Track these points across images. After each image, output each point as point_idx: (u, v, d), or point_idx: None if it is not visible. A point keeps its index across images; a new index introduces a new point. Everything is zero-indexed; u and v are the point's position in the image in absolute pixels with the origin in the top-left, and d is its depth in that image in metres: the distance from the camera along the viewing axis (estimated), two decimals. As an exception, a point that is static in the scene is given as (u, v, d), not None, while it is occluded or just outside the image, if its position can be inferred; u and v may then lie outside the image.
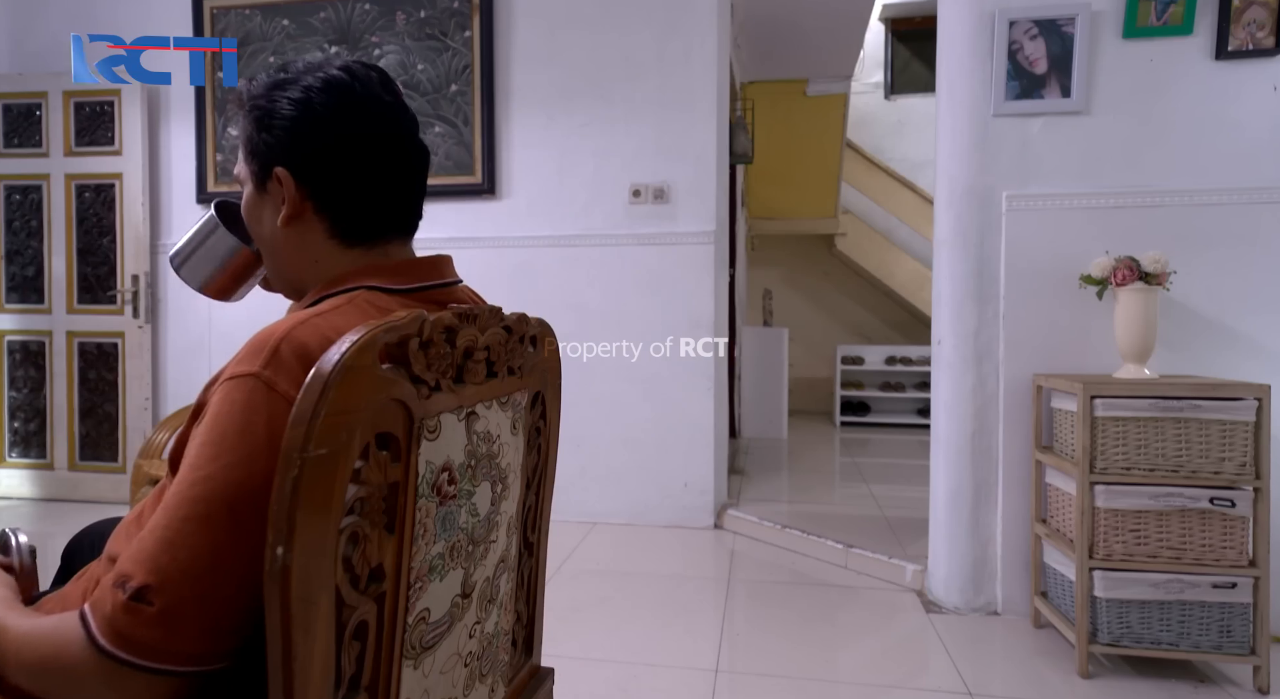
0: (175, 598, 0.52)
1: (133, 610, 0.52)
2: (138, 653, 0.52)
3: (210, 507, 0.53)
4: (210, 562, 0.53)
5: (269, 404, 0.55)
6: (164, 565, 0.52)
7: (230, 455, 0.54)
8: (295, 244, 0.71)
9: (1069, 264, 1.88)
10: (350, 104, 0.68)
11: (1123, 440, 1.61)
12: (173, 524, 0.53)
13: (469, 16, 2.95)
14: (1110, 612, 1.61)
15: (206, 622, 0.53)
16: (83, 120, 3.19)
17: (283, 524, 0.49)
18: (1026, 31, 1.91)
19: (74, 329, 3.23)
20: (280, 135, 0.68)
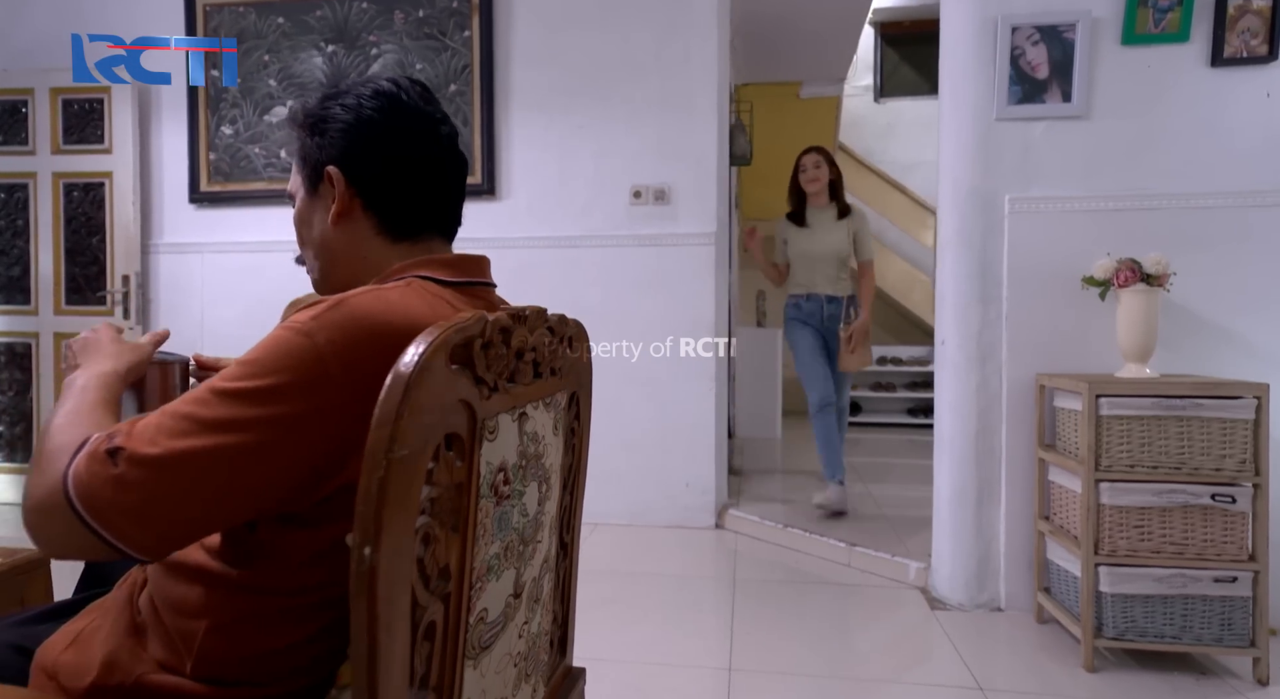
0: (138, 473, 0.55)
1: (101, 461, 0.55)
2: (79, 497, 0.55)
3: (215, 415, 0.56)
4: (189, 462, 0.55)
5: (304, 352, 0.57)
6: (149, 444, 0.55)
7: (260, 378, 0.57)
8: (345, 241, 0.75)
9: (1070, 266, 1.92)
10: (396, 108, 0.74)
11: (1127, 438, 1.64)
12: (178, 416, 0.57)
13: (468, 16, 2.94)
14: (1115, 606, 1.64)
15: (147, 510, 0.55)
16: (71, 118, 3.13)
17: (370, 524, 0.49)
18: (1029, 37, 1.94)
19: (62, 330, 3.17)
20: (333, 137, 0.74)
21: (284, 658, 0.66)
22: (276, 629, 0.65)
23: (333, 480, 0.60)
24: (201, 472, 0.56)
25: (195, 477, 0.56)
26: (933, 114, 6.24)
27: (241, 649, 0.65)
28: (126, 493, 0.55)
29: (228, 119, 3.11)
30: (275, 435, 0.57)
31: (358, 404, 0.56)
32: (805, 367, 2.90)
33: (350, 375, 0.58)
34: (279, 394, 0.57)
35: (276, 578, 0.64)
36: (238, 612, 0.65)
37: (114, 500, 0.55)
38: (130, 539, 0.56)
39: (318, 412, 0.57)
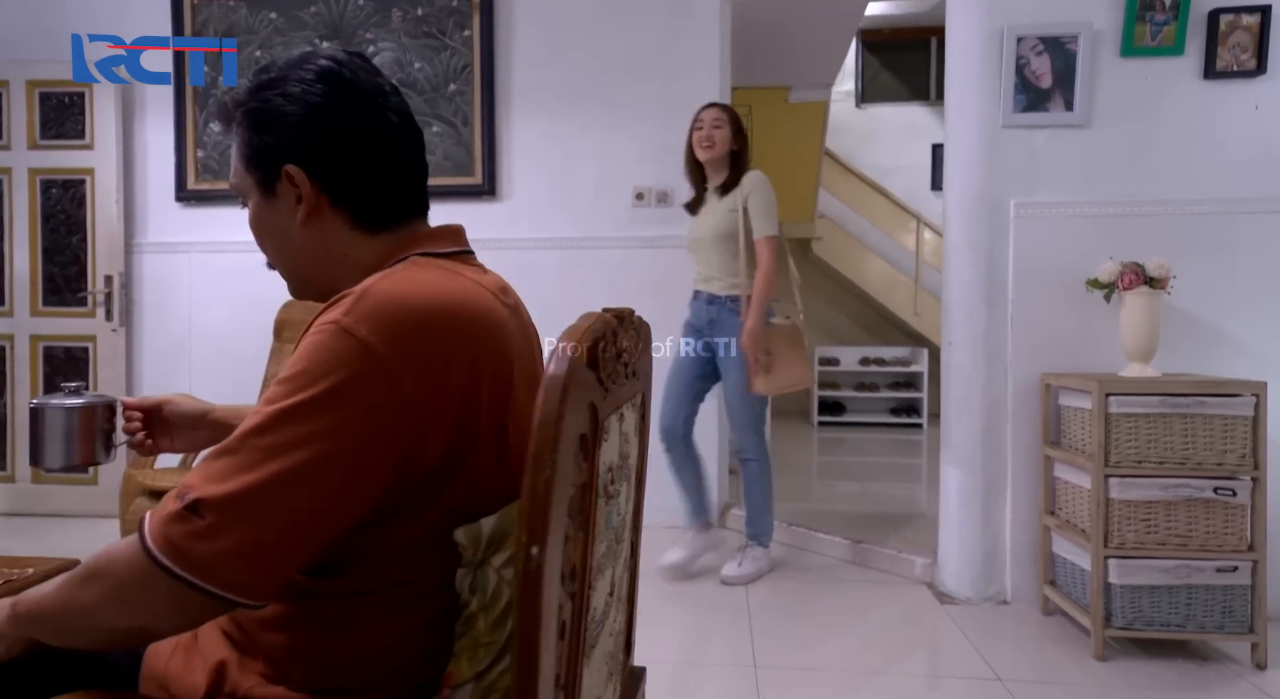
0: (226, 516, 0.53)
1: (184, 518, 0.53)
2: (179, 562, 0.53)
3: (281, 436, 0.54)
4: (270, 491, 0.53)
5: (349, 348, 0.56)
6: (224, 486, 0.53)
7: (310, 388, 0.55)
8: (317, 242, 0.69)
9: (1073, 269, 1.99)
10: (346, 91, 0.67)
11: (1134, 435, 1.71)
12: (241, 449, 0.55)
13: (468, 15, 2.91)
14: (1124, 597, 1.71)
15: (249, 549, 0.54)
16: (49, 112, 3.02)
17: (538, 524, 0.49)
18: (1033, 48, 2.01)
19: (39, 332, 3.05)
20: (284, 133, 0.66)
21: (382, 659, 0.65)
22: (369, 632, 0.64)
23: (415, 469, 0.59)
24: (289, 495, 0.54)
25: (284, 502, 0.54)
26: (912, 120, 6.38)
27: (338, 656, 0.65)
28: (223, 539, 0.53)
29: (225, 134, 3.03)
30: (347, 439, 0.55)
31: (418, 387, 0.57)
32: (666, 383, 2.27)
33: (403, 360, 0.56)
34: (338, 397, 0.55)
35: (363, 579, 0.63)
36: (329, 619, 0.64)
37: (214, 551, 0.53)
38: (240, 585, 0.54)
39: (382, 404, 0.56)
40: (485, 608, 0.64)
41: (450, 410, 0.59)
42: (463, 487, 0.61)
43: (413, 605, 0.64)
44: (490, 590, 0.64)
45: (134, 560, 0.54)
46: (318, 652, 0.64)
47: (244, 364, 2.89)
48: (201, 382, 3.04)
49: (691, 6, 2.85)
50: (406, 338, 0.57)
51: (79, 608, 0.58)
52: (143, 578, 0.54)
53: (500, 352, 0.64)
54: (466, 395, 0.60)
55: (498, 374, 0.63)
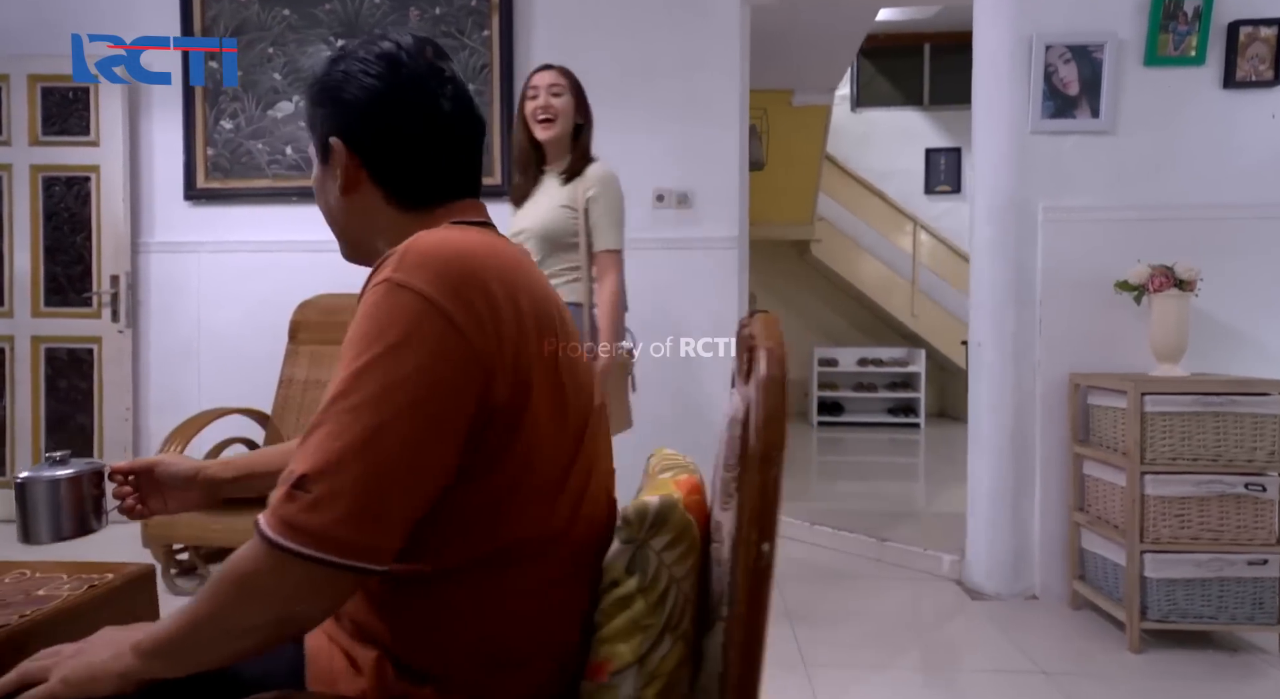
0: (332, 485, 0.54)
1: (292, 497, 0.54)
2: (297, 538, 0.53)
3: (361, 395, 0.55)
4: (365, 446, 0.55)
5: (406, 300, 0.58)
6: (322, 454, 0.54)
7: (377, 345, 0.57)
8: (357, 212, 0.72)
9: (1099, 271, 2.04)
10: (399, 74, 0.69)
11: (1169, 433, 1.76)
12: (328, 419, 0.56)
13: (487, 16, 2.90)
14: (1159, 591, 1.76)
15: (359, 508, 0.54)
16: (52, 107, 2.94)
17: (769, 521, 0.50)
18: (1061, 56, 2.06)
19: (41, 334, 2.96)
20: (331, 107, 0.70)
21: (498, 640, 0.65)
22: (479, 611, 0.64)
23: (485, 414, 0.60)
24: (384, 450, 0.55)
25: (381, 457, 0.55)
26: (906, 125, 6.47)
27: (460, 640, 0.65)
28: (334, 506, 0.54)
29: (228, 113, 2.98)
30: (425, 386, 0.57)
31: (476, 330, 0.59)
32: None
33: (456, 305, 0.58)
34: (407, 347, 0.57)
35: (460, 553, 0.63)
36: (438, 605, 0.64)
37: (329, 519, 0.53)
38: (361, 548, 0.55)
39: (447, 349, 0.58)
40: (644, 590, 0.64)
41: (507, 354, 0.60)
42: (527, 440, 0.62)
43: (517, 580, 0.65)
44: (651, 572, 0.64)
45: (257, 555, 0.55)
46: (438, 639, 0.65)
47: (256, 366, 2.85)
48: (211, 384, 2.98)
49: (711, 8, 2.87)
50: (455, 284, 0.59)
51: (213, 619, 0.58)
52: (271, 568, 0.55)
53: (539, 301, 0.66)
54: (517, 340, 0.62)
55: (541, 322, 0.64)
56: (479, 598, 0.64)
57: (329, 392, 0.57)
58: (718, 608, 0.67)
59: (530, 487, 0.63)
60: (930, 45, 6.02)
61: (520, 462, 0.62)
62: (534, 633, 0.66)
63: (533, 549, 0.64)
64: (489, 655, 0.65)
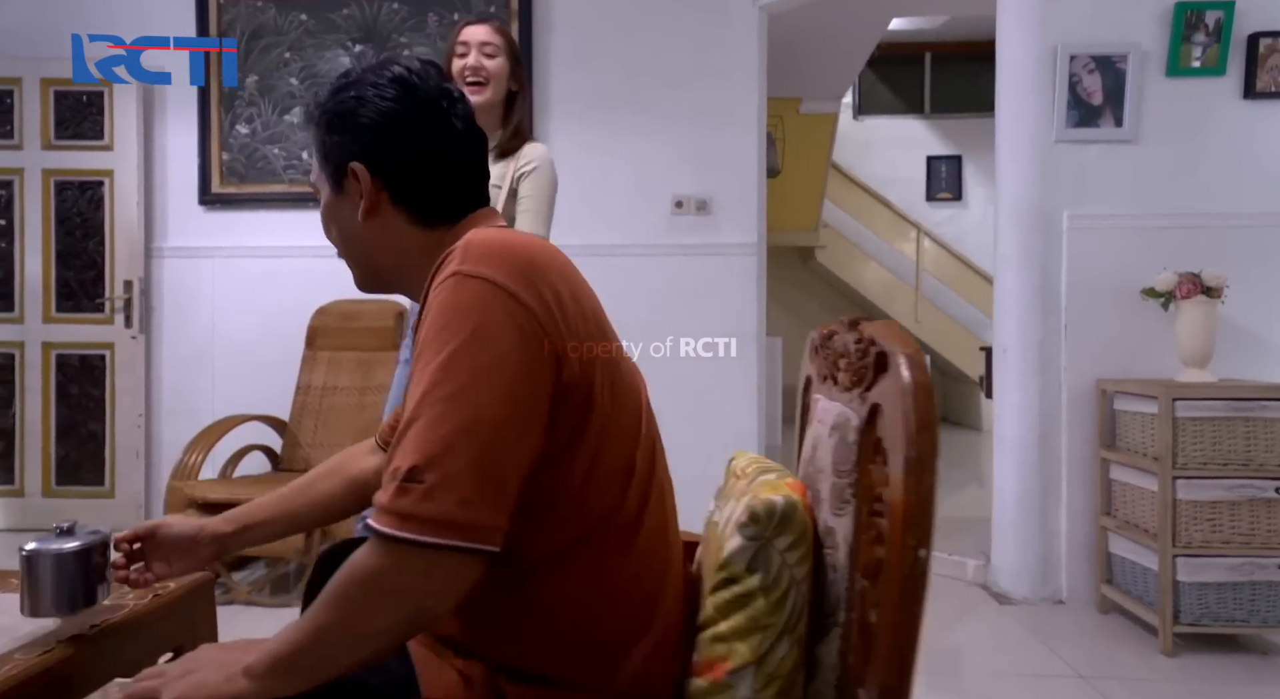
0: (443, 472, 0.55)
1: (406, 491, 0.54)
2: (420, 529, 0.54)
3: (453, 383, 0.57)
4: (468, 430, 0.56)
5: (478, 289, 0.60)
6: (426, 445, 0.55)
7: (459, 334, 0.58)
8: (378, 236, 0.73)
9: (1124, 278, 2.07)
10: (414, 96, 0.71)
11: (1199, 438, 1.78)
12: (423, 411, 0.57)
13: (506, 22, 2.90)
14: (1191, 594, 1.77)
15: (473, 490, 0.55)
16: (65, 111, 2.91)
17: (926, 527, 0.50)
18: (1085, 66, 2.09)
19: (52, 340, 2.93)
20: (350, 133, 0.71)
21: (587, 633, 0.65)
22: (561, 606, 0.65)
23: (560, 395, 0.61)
24: (484, 432, 0.56)
25: (483, 439, 0.56)
26: (907, 133, 6.52)
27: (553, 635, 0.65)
28: (449, 491, 0.55)
29: (244, 117, 2.96)
30: (509, 367, 0.58)
31: (543, 313, 0.60)
32: None
33: (523, 289, 0.60)
34: (487, 332, 0.58)
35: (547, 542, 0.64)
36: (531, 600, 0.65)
37: (446, 505, 0.54)
38: (480, 529, 0.56)
39: (523, 330, 0.59)
40: (766, 588, 0.64)
41: (570, 337, 0.62)
42: (597, 421, 0.64)
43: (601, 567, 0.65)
44: (774, 572, 0.64)
45: (377, 555, 0.56)
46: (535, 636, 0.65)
47: (270, 372, 2.82)
48: (225, 391, 2.95)
49: (730, 15, 2.89)
50: (520, 270, 0.61)
51: (342, 627, 0.57)
52: (398, 565, 0.55)
53: (587, 291, 0.68)
54: (575, 324, 0.63)
55: (593, 311, 0.67)
56: (567, 589, 0.65)
57: (416, 388, 0.58)
58: (834, 614, 0.67)
59: (604, 470, 0.64)
60: (931, 54, 6.08)
61: (593, 444, 0.64)
62: (625, 620, 0.66)
63: (612, 535, 0.65)
64: (585, 646, 0.65)
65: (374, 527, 0.55)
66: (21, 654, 0.84)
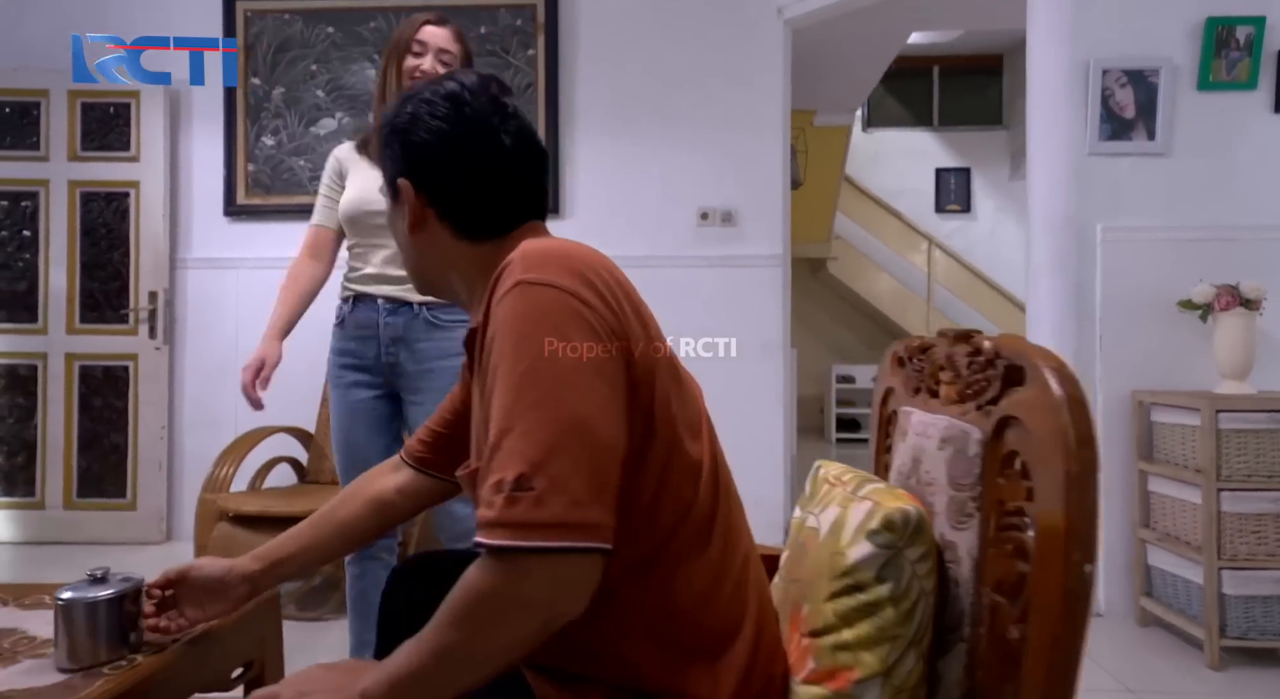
0: (550, 477, 0.54)
1: (516, 500, 0.54)
2: (539, 536, 0.54)
3: (541, 389, 0.57)
4: (566, 432, 0.56)
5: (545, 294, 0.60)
6: (527, 452, 0.55)
7: (535, 342, 0.58)
8: (426, 247, 0.75)
9: (1158, 290, 2.07)
10: (462, 115, 0.72)
11: (1243, 450, 1.78)
12: (516, 421, 0.56)
13: (532, 35, 2.93)
14: (1237, 608, 1.77)
15: (582, 491, 0.55)
16: (91, 123, 2.92)
17: (1091, 541, 0.50)
18: (1117, 80, 2.11)
19: (75, 351, 2.92)
20: (398, 149, 0.74)
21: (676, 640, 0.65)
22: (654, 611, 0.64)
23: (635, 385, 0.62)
24: (581, 432, 0.56)
25: (581, 439, 0.56)
26: (916, 145, 6.57)
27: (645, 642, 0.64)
28: (560, 494, 0.54)
29: (269, 129, 2.97)
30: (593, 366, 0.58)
31: (609, 313, 0.61)
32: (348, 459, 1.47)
33: (588, 288, 0.61)
34: (563, 336, 0.58)
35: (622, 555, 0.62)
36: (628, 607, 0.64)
37: (558, 509, 0.54)
38: (594, 528, 0.55)
39: (597, 327, 0.60)
40: (895, 598, 0.63)
41: (634, 337, 0.62)
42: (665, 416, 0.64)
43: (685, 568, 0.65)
44: (904, 582, 0.64)
45: (497, 571, 0.55)
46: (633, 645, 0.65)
47: (294, 384, 2.79)
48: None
49: (755, 27, 2.91)
50: (578, 274, 0.62)
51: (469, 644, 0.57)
52: (517, 577, 0.55)
53: (638, 294, 0.68)
54: (635, 325, 0.64)
55: (648, 313, 0.68)
56: (657, 596, 0.64)
57: (501, 400, 0.58)
58: (958, 629, 0.67)
59: (676, 470, 0.64)
60: (939, 68, 6.14)
61: (664, 443, 0.64)
62: (717, 622, 0.66)
63: (689, 535, 0.65)
64: (687, 654, 0.65)
65: (488, 542, 0.55)
66: (110, 669, 0.83)
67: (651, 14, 2.93)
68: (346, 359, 1.48)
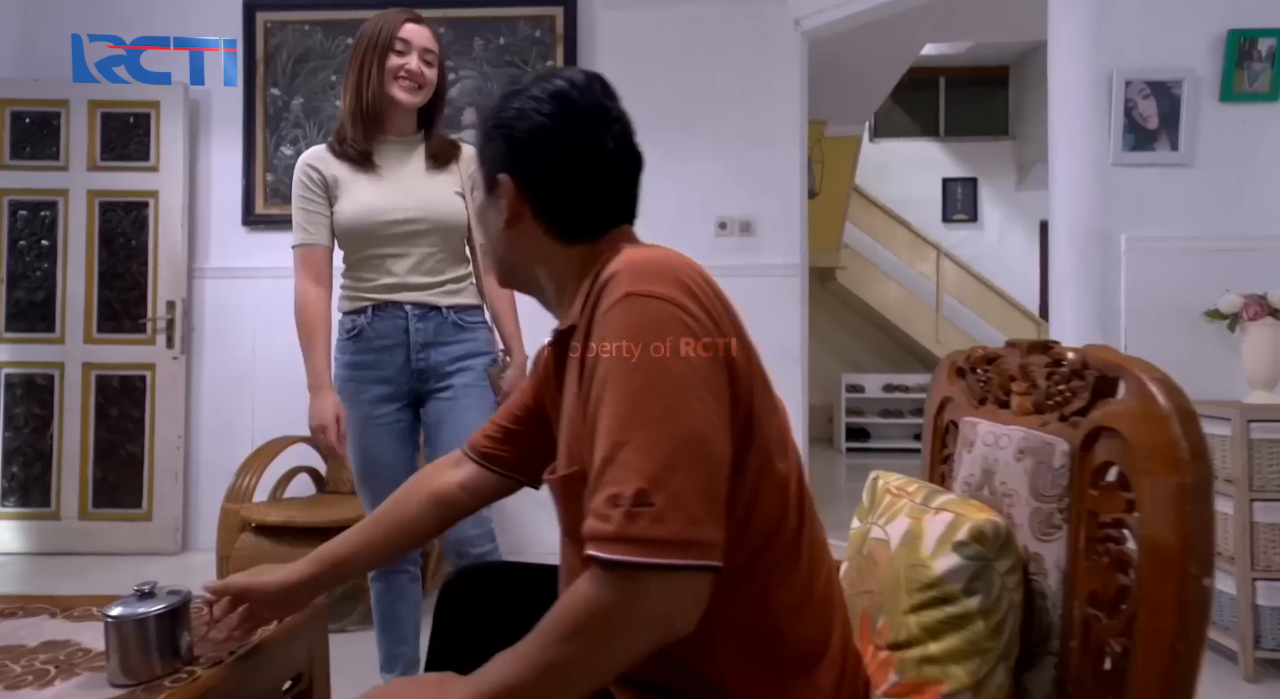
0: (671, 493, 0.54)
1: (636, 516, 0.53)
2: (652, 552, 0.53)
3: (658, 404, 0.56)
4: (682, 447, 0.55)
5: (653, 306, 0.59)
6: (646, 467, 0.54)
7: (649, 355, 0.58)
8: (518, 244, 0.75)
9: (1183, 299, 2.08)
10: (569, 113, 0.71)
11: (1274, 460, 1.78)
12: (631, 435, 0.56)
13: (551, 46, 2.94)
14: (1272, 619, 1.76)
15: (701, 509, 0.55)
16: (111, 133, 2.93)
17: (1208, 554, 0.50)
18: (1140, 91, 2.12)
19: (93, 360, 2.91)
20: (502, 144, 0.73)
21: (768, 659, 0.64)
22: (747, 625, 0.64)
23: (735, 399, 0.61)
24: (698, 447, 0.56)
25: (696, 454, 0.56)
26: (923, 155, 6.59)
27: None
28: (681, 511, 0.54)
29: (288, 139, 2.98)
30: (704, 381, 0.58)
31: (711, 323, 0.61)
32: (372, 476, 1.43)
33: (695, 302, 0.61)
34: (675, 349, 0.58)
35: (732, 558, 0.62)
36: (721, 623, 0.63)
37: (681, 525, 0.54)
38: (711, 545, 0.55)
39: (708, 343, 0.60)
40: (985, 611, 0.63)
41: (734, 352, 0.62)
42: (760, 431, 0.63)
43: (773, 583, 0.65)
44: (994, 594, 0.63)
45: (614, 586, 0.54)
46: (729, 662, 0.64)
47: (311, 393, 2.81)
48: (265, 411, 2.94)
49: (772, 39, 2.93)
50: (685, 286, 0.61)
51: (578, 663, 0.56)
52: (635, 593, 0.54)
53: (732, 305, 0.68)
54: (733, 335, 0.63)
55: (741, 325, 0.67)
56: (748, 611, 0.64)
57: (613, 411, 0.57)
58: (1045, 642, 0.66)
59: (768, 484, 0.64)
60: (945, 79, 6.18)
61: (758, 456, 0.63)
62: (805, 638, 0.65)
63: (779, 550, 0.65)
64: (779, 671, 0.64)
65: (607, 557, 0.54)
66: (171, 682, 0.83)
67: (669, 25, 2.95)
68: (366, 372, 1.42)
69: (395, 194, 1.41)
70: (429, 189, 1.44)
